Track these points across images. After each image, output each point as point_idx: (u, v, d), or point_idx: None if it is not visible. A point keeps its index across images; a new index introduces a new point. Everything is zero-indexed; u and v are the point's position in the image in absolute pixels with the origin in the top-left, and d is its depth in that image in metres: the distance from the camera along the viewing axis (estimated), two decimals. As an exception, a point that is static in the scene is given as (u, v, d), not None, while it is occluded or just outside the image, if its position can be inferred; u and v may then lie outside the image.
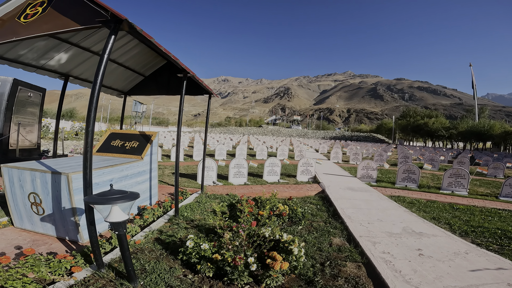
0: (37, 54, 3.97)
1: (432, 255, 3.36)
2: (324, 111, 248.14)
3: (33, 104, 8.38)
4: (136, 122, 33.71)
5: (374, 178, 8.72)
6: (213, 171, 7.23)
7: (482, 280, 2.78)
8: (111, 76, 5.28)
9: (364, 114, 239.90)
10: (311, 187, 7.30)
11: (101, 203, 1.92)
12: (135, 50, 4.49)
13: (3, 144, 7.03)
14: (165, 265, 2.71)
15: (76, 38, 3.84)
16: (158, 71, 5.61)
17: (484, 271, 2.99)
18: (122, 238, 2.09)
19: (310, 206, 5.51)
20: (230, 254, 2.58)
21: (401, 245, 3.64)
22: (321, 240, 3.76)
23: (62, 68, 4.55)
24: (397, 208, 5.50)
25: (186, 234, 3.54)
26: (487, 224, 4.78)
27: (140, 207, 4.28)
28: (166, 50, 2.85)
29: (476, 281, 2.75)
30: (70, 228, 3.16)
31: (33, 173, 3.16)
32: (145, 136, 4.79)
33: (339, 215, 4.85)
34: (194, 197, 5.46)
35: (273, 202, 4.59)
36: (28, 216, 3.34)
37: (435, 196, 6.84)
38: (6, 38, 2.60)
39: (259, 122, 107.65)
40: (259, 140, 28.90)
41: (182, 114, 4.20)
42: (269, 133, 66.17)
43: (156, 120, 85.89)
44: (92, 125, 2.19)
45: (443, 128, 44.86)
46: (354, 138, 60.02)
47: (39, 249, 2.90)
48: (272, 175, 8.18)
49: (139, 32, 2.26)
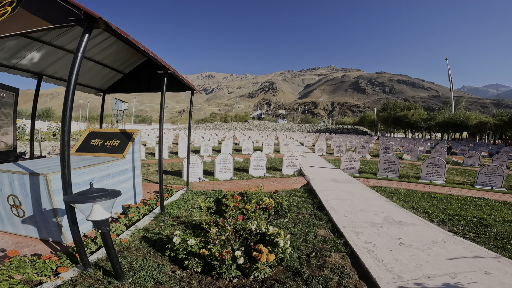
0: (8, 53, 3.80)
1: (412, 244, 3.49)
2: (308, 105, 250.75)
3: (6, 105, 7.97)
4: (118, 120, 32.74)
5: (357, 169, 8.99)
6: (198, 168, 7.22)
7: (459, 268, 2.85)
8: (88, 74, 5.14)
9: (348, 107, 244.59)
10: (296, 180, 7.44)
11: (82, 201, 1.91)
12: (112, 47, 4.38)
13: (-25, 146, 6.68)
14: (153, 262, 2.72)
15: (48, 37, 3.71)
16: (138, 68, 5.50)
17: (462, 259, 3.06)
18: (106, 236, 2.10)
19: (296, 199, 5.63)
20: (217, 249, 2.63)
21: (382, 234, 3.77)
22: (307, 232, 3.86)
23: (35, 67, 4.38)
24: (378, 198, 5.68)
25: (172, 231, 3.55)
26: (463, 212, 4.96)
27: (124, 206, 4.24)
28: (144, 47, 2.82)
29: (454, 269, 2.82)
30: (53, 229, 3.10)
31: (10, 175, 3.07)
32: (126, 134, 4.72)
33: (324, 207, 4.98)
34: (180, 194, 5.45)
35: (259, 196, 4.67)
36: (8, 219, 3.24)
37: (414, 186, 7.12)
38: None
39: (245, 117, 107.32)
40: (244, 135, 28.91)
41: (163, 111, 4.17)
42: (255, 127, 66.21)
43: (139, 118, 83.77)
44: (68, 124, 2.15)
45: (422, 119, 46.56)
46: (338, 130, 61.18)
47: (23, 251, 2.85)
48: (258, 170, 8.26)
49: (115, 30, 2.23)
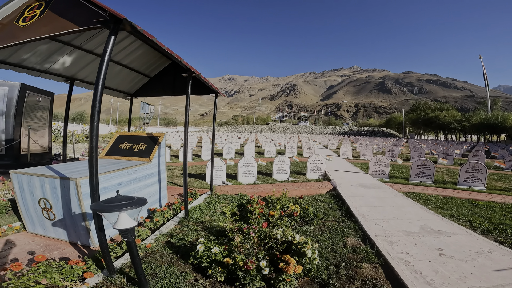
0: (40, 57, 3.91)
1: (454, 254, 3.22)
2: (331, 107, 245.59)
3: (42, 109, 8.49)
4: (145, 123, 34.10)
5: (386, 174, 8.51)
6: (222, 171, 7.17)
7: (508, 280, 2.67)
8: (117, 78, 5.25)
9: (373, 109, 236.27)
10: (321, 185, 7.16)
11: (108, 210, 1.86)
12: (139, 51, 4.44)
13: (14, 149, 7.14)
14: (176, 270, 2.65)
15: (79, 41, 3.78)
16: (163, 72, 5.56)
17: (510, 270, 2.87)
18: (131, 245, 2.04)
19: (322, 205, 5.38)
20: (242, 258, 2.51)
21: (420, 244, 3.50)
22: (335, 240, 3.65)
23: (67, 72, 4.51)
24: (413, 205, 5.33)
25: (196, 236, 3.48)
26: (508, 221, 4.55)
27: (150, 210, 4.25)
28: (169, 50, 2.77)
29: (502, 281, 2.65)
30: (81, 233, 3.14)
31: (42, 178, 3.15)
32: (152, 138, 4.75)
33: (353, 214, 4.72)
34: (204, 198, 5.41)
35: (283, 201, 4.50)
36: (39, 221, 3.34)
37: (452, 192, 6.61)
38: (5, 42, 2.56)
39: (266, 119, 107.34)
40: (266, 138, 28.78)
41: (188, 114, 4.13)
42: (277, 130, 65.90)
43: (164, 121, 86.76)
44: (96, 130, 2.12)
45: (455, 120, 43.74)
46: (363, 133, 59.18)
47: (51, 254, 2.89)
48: (282, 173, 8.07)
49: (140, 31, 2.18)
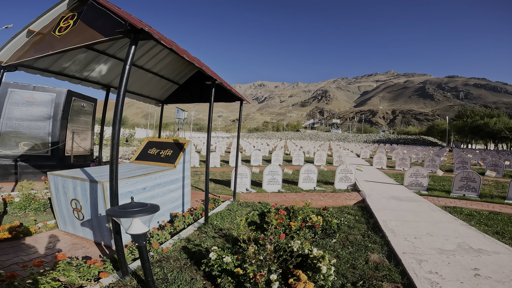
0: (79, 66, 4.19)
1: (491, 275, 2.85)
2: (365, 113, 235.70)
3: (86, 113, 9.23)
4: (179, 128, 35.66)
5: (424, 186, 7.85)
6: (247, 178, 7.15)
7: None
8: (149, 86, 5.52)
9: (412, 115, 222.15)
10: (350, 196, 6.80)
11: (122, 216, 1.91)
12: (167, 58, 4.61)
13: (60, 151, 7.80)
14: (187, 276, 2.65)
15: (112, 50, 4.00)
16: (191, 79, 5.73)
17: None
18: (142, 250, 2.07)
19: (348, 217, 5.09)
20: (253, 269, 2.42)
21: (453, 263, 3.16)
22: (356, 256, 3.42)
23: (104, 79, 4.82)
24: (452, 221, 4.85)
25: (213, 243, 3.46)
26: None
27: (172, 214, 4.34)
28: (190, 57, 2.82)
29: None
30: (105, 234, 3.28)
31: (74, 181, 3.37)
32: (178, 145, 4.88)
33: (380, 228, 4.40)
34: (226, 204, 5.41)
35: (306, 212, 4.32)
36: (70, 221, 3.56)
37: (499, 207, 5.91)
38: (44, 52, 2.78)
39: (297, 126, 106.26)
40: (296, 145, 28.37)
41: (211, 122, 4.18)
42: (307, 137, 64.79)
43: (197, 126, 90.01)
44: (116, 138, 2.19)
45: (507, 128, 39.51)
46: (401, 141, 55.73)
47: (76, 253, 3.06)
48: (308, 182, 7.82)
49: (158, 40, 2.23)
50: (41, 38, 3.04)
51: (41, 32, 3.09)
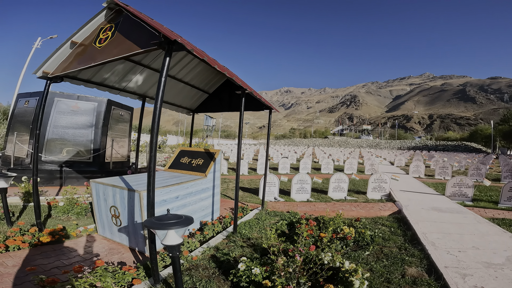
0: (118, 77, 4.35)
1: None
2: (399, 119, 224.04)
3: (124, 122, 9.81)
4: (208, 135, 36.65)
5: (469, 196, 7.20)
6: (275, 187, 7.08)
7: None
8: (180, 95, 5.72)
9: (452, 120, 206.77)
10: (384, 206, 6.42)
11: (158, 228, 1.97)
12: (198, 68, 4.72)
13: (101, 157, 8.35)
14: (215, 286, 2.64)
15: (147, 60, 4.13)
16: (220, 88, 5.84)
17: None
18: (175, 260, 2.10)
19: (382, 229, 4.80)
20: (281, 282, 2.36)
21: (501, 277, 2.90)
22: (392, 269, 3.20)
23: (140, 90, 5.04)
24: (500, 234, 4.43)
25: (241, 253, 3.43)
26: None
27: (202, 222, 4.40)
28: (220, 68, 2.85)
29: None
30: (140, 241, 3.40)
31: (114, 189, 3.56)
32: (209, 154, 4.97)
33: (419, 241, 4.10)
34: (254, 213, 5.37)
35: (337, 223, 4.14)
36: (108, 226, 3.75)
37: (558, 221, 5.20)
38: (87, 63, 2.90)
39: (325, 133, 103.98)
40: (324, 153, 27.69)
41: (241, 131, 4.19)
42: (336, 144, 63.02)
43: (225, 133, 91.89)
44: (154, 150, 2.21)
45: None
46: (440, 147, 52.03)
47: (112, 258, 3.19)
48: (338, 192, 7.54)
49: (190, 51, 2.27)
50: (83, 50, 3.17)
51: (83, 44, 3.21)
